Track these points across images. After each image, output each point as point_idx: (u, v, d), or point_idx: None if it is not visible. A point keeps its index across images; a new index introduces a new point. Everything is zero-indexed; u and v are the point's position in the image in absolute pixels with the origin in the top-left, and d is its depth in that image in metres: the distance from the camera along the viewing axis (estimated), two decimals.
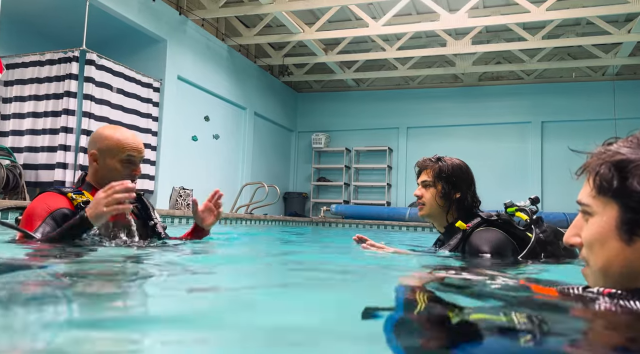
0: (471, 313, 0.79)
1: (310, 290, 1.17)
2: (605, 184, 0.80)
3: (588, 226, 0.84)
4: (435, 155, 2.02)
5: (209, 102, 7.82)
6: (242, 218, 6.80)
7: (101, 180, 1.83)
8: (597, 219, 0.82)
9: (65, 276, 1.15)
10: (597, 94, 9.14)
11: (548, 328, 0.66)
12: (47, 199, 1.76)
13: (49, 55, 5.55)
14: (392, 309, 0.83)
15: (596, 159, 0.83)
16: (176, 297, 1.01)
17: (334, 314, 0.88)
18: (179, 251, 1.83)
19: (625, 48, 7.75)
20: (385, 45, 8.48)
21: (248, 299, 1.01)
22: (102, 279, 1.19)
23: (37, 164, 5.43)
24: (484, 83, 10.11)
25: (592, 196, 0.83)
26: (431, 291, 1.01)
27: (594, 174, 0.82)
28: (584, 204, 0.85)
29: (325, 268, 1.68)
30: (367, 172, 10.75)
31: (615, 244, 0.79)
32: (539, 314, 0.75)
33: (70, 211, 1.73)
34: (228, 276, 1.43)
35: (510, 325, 0.67)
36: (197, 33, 7.35)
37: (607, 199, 0.80)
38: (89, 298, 0.94)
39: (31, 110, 5.55)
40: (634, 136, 0.82)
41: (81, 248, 1.62)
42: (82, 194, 1.80)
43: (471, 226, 1.83)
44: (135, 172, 1.85)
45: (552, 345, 0.60)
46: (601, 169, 0.81)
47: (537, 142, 9.56)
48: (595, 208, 0.82)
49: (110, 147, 1.82)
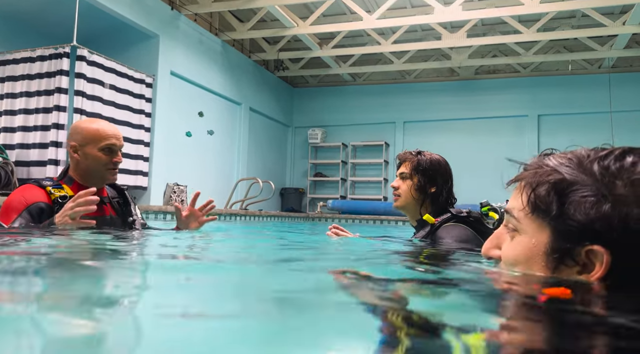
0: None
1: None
2: (541, 207, 0.73)
3: (513, 245, 0.79)
4: (417, 149, 2.02)
5: (203, 97, 7.79)
6: (237, 214, 6.78)
7: (84, 171, 1.85)
8: (525, 240, 0.76)
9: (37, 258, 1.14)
10: (594, 87, 9.11)
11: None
12: (25, 192, 1.76)
13: (40, 52, 5.52)
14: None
15: (533, 175, 0.76)
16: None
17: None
18: (158, 236, 1.83)
19: (620, 40, 7.71)
20: (380, 39, 8.44)
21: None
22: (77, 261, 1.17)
23: (29, 160, 5.41)
24: (480, 76, 10.08)
25: (524, 213, 0.77)
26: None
27: (529, 192, 0.75)
28: (514, 217, 0.79)
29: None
30: (364, 167, 10.74)
31: (539, 268, 0.74)
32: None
33: (47, 204, 1.74)
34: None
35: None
36: (189, 28, 7.31)
37: (541, 222, 0.74)
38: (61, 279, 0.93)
39: (23, 107, 5.52)
40: (574, 154, 0.75)
41: (53, 235, 1.60)
42: (61, 188, 1.80)
43: (440, 220, 1.83)
44: (116, 160, 1.86)
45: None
46: (539, 189, 0.74)
47: (533, 136, 9.54)
48: (525, 227, 0.77)
49: (90, 137, 1.84)
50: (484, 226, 1.87)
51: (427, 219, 1.83)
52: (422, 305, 0.75)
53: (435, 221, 1.83)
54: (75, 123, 1.93)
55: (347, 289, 0.85)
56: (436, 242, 1.78)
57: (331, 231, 1.97)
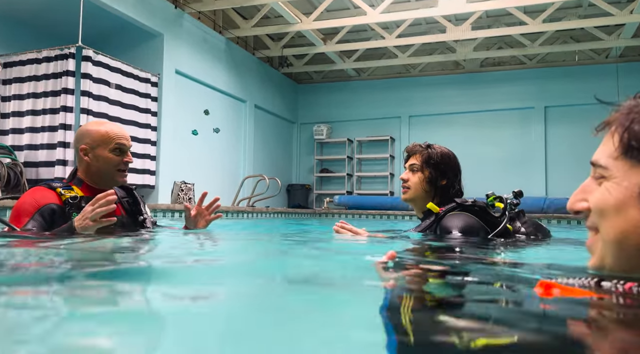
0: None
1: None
2: (635, 145, 0.69)
3: (602, 191, 0.73)
4: (426, 142, 2.02)
5: (208, 95, 7.80)
6: (244, 211, 6.81)
7: (95, 174, 1.87)
8: (616, 184, 0.71)
9: (54, 263, 1.15)
10: (601, 77, 9.01)
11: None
12: (36, 194, 1.78)
13: (46, 53, 5.55)
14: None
15: (625, 115, 0.72)
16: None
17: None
18: (172, 235, 1.85)
19: (628, 29, 7.62)
20: (384, 33, 8.40)
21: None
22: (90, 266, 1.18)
23: (37, 161, 5.45)
24: (486, 69, 10.00)
25: (613, 157, 0.72)
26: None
27: (621, 132, 0.71)
28: (600, 166, 0.73)
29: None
30: (370, 162, 10.72)
31: (635, 213, 0.68)
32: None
33: (59, 206, 1.75)
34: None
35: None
36: (193, 26, 7.31)
37: (633, 163, 0.69)
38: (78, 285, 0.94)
39: (30, 108, 5.56)
40: None
41: (67, 239, 1.62)
42: (72, 190, 1.82)
43: (444, 209, 1.83)
44: (127, 160, 1.88)
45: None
46: (633, 126, 0.69)
47: (540, 128, 9.47)
48: (615, 171, 0.71)
49: (99, 138, 1.85)
50: (489, 214, 1.87)
51: (431, 208, 1.84)
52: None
53: (440, 210, 1.83)
54: (83, 127, 1.94)
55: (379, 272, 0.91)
56: (441, 231, 1.78)
57: (337, 226, 1.96)
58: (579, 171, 1.12)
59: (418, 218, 2.06)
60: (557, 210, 7.67)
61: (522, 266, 0.99)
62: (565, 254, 1.70)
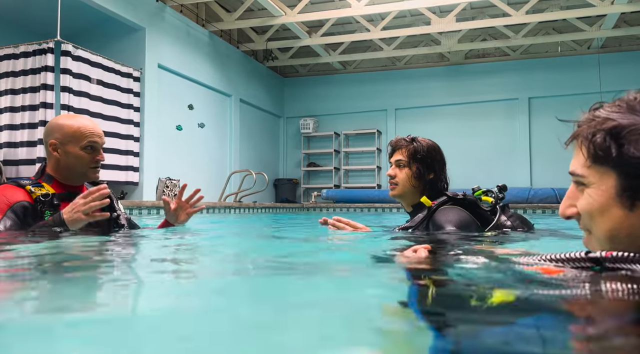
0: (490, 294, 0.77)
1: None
2: (601, 154, 0.77)
3: (585, 196, 0.82)
4: (409, 135, 2.00)
5: (192, 90, 7.70)
6: (231, 207, 6.76)
7: (65, 170, 1.80)
8: (594, 189, 0.80)
9: (32, 263, 1.12)
10: (583, 68, 9.12)
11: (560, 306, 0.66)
12: (5, 192, 1.72)
13: (23, 48, 5.41)
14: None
15: (587, 127, 0.80)
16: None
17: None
18: (147, 237, 1.80)
19: (609, 20, 7.70)
20: (369, 26, 8.37)
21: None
22: (70, 266, 1.15)
23: (17, 159, 5.33)
24: (470, 61, 10.05)
25: (586, 167, 0.80)
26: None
27: (587, 144, 0.79)
28: (577, 175, 0.82)
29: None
30: (357, 155, 10.72)
31: (617, 212, 0.77)
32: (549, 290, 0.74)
33: (30, 203, 1.70)
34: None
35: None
36: (176, 19, 7.20)
37: (604, 169, 0.78)
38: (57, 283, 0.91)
39: (8, 105, 5.43)
40: (621, 100, 0.79)
41: (42, 238, 1.58)
42: (42, 187, 1.76)
43: (436, 203, 1.83)
44: (99, 158, 1.82)
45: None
46: (595, 138, 0.77)
47: (524, 119, 9.56)
48: (592, 178, 0.80)
49: (71, 134, 1.78)
50: (479, 208, 1.88)
51: (424, 202, 1.83)
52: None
53: (432, 203, 1.83)
54: (53, 120, 1.85)
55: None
56: (435, 228, 1.78)
57: (333, 220, 1.93)
58: (562, 162, 1.14)
59: (406, 212, 2.05)
60: (541, 200, 7.76)
61: (527, 256, 1.02)
62: (555, 244, 1.75)
